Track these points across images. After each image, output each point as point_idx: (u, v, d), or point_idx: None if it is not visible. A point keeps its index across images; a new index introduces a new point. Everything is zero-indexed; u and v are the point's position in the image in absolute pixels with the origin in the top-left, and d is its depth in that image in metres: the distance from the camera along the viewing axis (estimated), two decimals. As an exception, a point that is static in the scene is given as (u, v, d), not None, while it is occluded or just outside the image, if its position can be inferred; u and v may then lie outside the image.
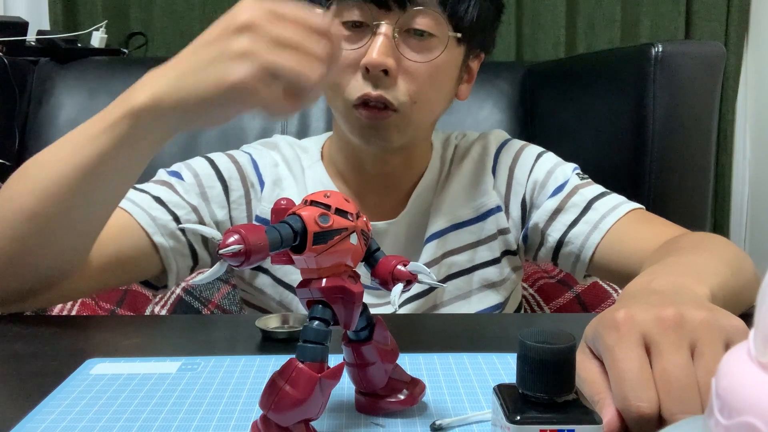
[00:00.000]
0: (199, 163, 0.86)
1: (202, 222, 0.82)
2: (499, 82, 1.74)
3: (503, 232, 0.88)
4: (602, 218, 0.82)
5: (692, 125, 1.21)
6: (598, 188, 0.87)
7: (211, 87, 0.55)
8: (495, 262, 0.88)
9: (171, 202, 0.80)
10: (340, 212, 0.42)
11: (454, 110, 1.36)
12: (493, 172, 0.89)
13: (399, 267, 0.46)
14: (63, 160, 0.61)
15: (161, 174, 0.84)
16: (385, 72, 0.74)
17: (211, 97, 0.55)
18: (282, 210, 0.43)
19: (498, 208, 0.88)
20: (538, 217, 0.86)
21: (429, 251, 0.85)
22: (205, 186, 0.83)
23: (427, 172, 0.89)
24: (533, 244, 0.89)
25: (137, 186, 0.81)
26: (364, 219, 0.45)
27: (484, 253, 0.88)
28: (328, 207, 0.42)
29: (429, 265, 0.84)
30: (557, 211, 0.85)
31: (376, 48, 0.73)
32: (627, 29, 2.04)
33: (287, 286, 0.85)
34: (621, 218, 0.81)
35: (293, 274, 0.85)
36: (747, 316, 0.33)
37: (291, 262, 0.43)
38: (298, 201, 0.44)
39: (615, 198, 0.85)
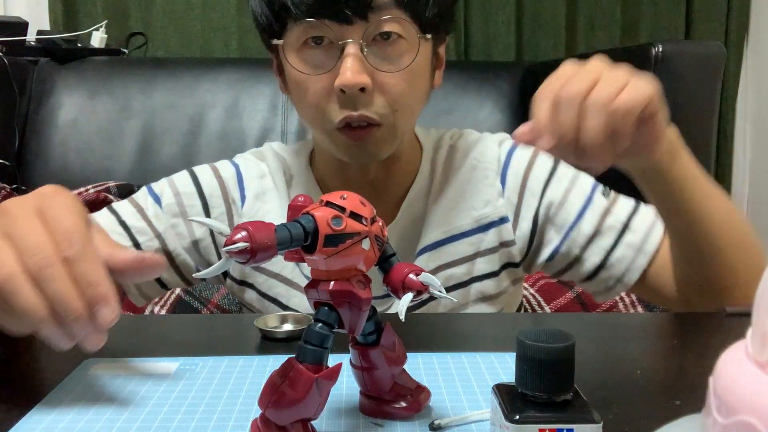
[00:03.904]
0: (182, 179, 0.86)
1: (165, 249, 0.82)
2: (499, 82, 1.74)
3: (507, 244, 0.85)
4: (644, 240, 0.80)
5: (692, 125, 1.21)
6: (627, 204, 0.84)
7: None
8: (493, 275, 0.85)
9: (135, 227, 0.81)
10: (354, 216, 0.42)
11: (454, 110, 1.36)
12: (503, 178, 0.85)
13: (411, 276, 0.45)
14: None
15: (140, 193, 0.85)
16: (362, 89, 0.72)
17: None
18: (298, 207, 0.43)
19: (503, 220, 0.84)
20: (571, 242, 0.83)
21: (421, 264, 0.79)
22: (185, 205, 0.84)
23: (419, 178, 0.85)
24: (558, 266, 0.85)
25: (113, 205, 0.83)
26: (380, 224, 0.44)
27: (483, 266, 0.84)
28: (342, 209, 0.41)
29: None
30: (594, 235, 0.82)
31: (349, 68, 0.71)
32: (627, 29, 2.05)
33: (272, 300, 0.85)
34: (663, 237, 0.80)
35: (277, 288, 0.84)
36: (745, 315, 0.33)
37: (303, 259, 0.43)
38: (280, 214, 0.43)
39: (647, 212, 0.82)
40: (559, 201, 0.83)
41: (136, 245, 0.80)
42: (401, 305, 0.44)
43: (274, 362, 0.56)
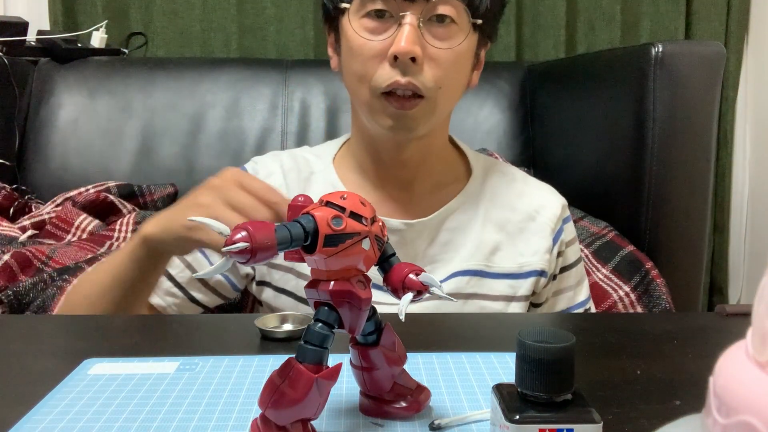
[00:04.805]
0: None
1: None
2: (499, 82, 1.73)
3: (532, 294, 0.90)
4: None
5: (692, 125, 1.21)
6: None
7: (176, 228, 0.70)
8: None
9: (169, 263, 0.85)
10: (354, 216, 0.42)
11: (454, 110, 1.34)
12: (555, 237, 0.91)
13: (411, 276, 0.45)
14: (100, 280, 0.80)
15: None
16: (413, 60, 0.76)
17: (177, 235, 0.70)
18: (298, 207, 0.43)
19: (542, 273, 0.89)
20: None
21: (455, 284, 0.86)
22: None
23: (464, 194, 0.89)
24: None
25: None
26: (380, 224, 0.44)
27: (516, 307, 0.88)
28: (342, 209, 0.42)
29: (454, 297, 0.84)
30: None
31: (404, 37, 0.75)
32: (627, 29, 2.04)
33: (289, 294, 0.87)
34: None
35: (292, 281, 0.86)
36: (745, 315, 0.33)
37: (303, 259, 0.43)
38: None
39: None
40: (571, 285, 0.94)
41: (171, 278, 0.86)
42: (401, 305, 0.44)
43: (274, 362, 0.56)
